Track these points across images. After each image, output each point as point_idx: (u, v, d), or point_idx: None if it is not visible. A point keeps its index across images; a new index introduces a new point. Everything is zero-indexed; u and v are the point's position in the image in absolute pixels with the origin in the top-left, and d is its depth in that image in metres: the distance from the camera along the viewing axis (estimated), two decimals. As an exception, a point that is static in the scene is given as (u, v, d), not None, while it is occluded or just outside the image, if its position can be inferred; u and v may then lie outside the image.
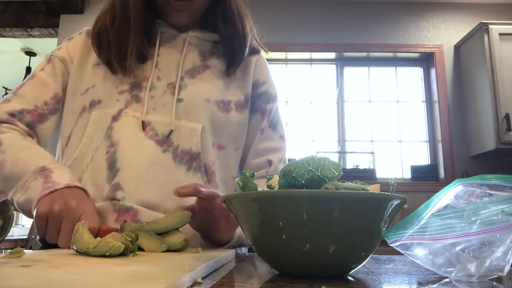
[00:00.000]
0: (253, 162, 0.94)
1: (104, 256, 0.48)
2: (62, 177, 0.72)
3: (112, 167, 0.77)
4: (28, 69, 5.02)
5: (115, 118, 0.81)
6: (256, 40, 0.98)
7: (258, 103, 0.95)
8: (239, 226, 0.55)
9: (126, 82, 0.84)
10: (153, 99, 0.83)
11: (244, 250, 0.92)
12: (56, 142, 0.91)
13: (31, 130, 0.85)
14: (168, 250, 0.58)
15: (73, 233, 0.53)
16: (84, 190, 0.73)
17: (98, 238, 0.50)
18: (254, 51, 0.98)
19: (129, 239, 0.51)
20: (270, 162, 0.93)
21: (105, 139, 0.80)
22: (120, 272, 0.36)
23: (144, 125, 0.80)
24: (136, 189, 0.76)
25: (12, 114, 0.83)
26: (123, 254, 0.49)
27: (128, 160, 0.77)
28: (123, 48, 0.84)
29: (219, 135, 0.88)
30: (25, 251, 0.48)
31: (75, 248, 0.51)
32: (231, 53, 0.91)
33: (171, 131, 0.81)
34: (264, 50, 1.01)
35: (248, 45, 0.94)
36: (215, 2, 0.91)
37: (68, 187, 0.70)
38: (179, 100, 0.83)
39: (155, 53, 0.87)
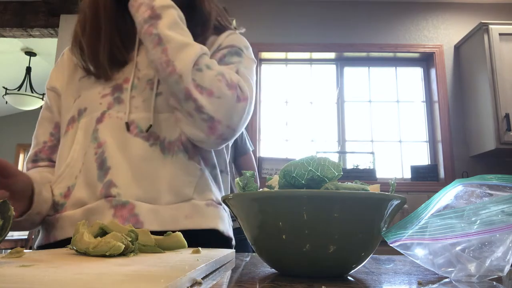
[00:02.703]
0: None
1: (104, 256, 0.48)
2: None
3: (103, 166, 0.78)
4: (28, 69, 5.02)
5: (99, 120, 0.82)
6: (223, 18, 0.96)
7: (225, 58, 0.89)
8: None
9: (108, 86, 0.85)
10: (134, 98, 0.83)
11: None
12: None
13: (50, 162, 0.92)
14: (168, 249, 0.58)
15: (73, 233, 0.53)
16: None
17: (98, 238, 0.50)
18: (221, 29, 0.95)
19: (129, 239, 0.51)
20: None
21: (92, 141, 0.81)
22: (120, 272, 0.36)
23: (128, 126, 0.81)
24: (130, 185, 0.77)
25: (33, 161, 0.92)
26: (123, 254, 0.49)
27: (118, 158, 0.79)
28: (95, 53, 0.85)
29: None
30: (25, 251, 0.48)
31: (75, 248, 0.51)
32: (195, 32, 0.86)
33: (150, 126, 0.81)
34: (235, 28, 0.97)
35: (212, 24, 0.92)
36: None
37: None
38: (158, 94, 0.83)
39: (134, 56, 0.87)
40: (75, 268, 0.38)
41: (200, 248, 0.59)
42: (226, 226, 0.90)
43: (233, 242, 0.93)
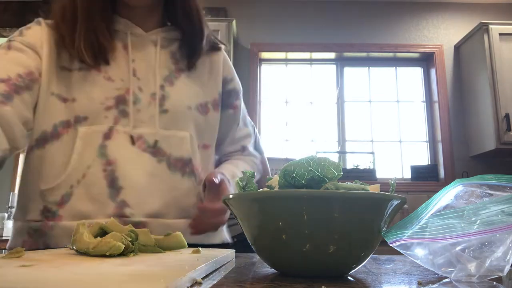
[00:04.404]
0: (228, 149, 1.02)
1: (104, 256, 0.48)
2: None
3: (114, 185, 0.79)
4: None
5: (107, 136, 0.81)
6: (213, 35, 0.99)
7: (229, 99, 1.00)
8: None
9: (110, 96, 0.82)
10: (139, 112, 0.83)
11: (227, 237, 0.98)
12: None
13: (7, 100, 0.73)
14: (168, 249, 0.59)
15: (73, 233, 0.53)
16: None
17: (98, 238, 0.50)
18: (216, 47, 0.99)
19: (129, 239, 0.51)
20: (244, 148, 1.03)
21: (99, 157, 0.79)
22: (120, 272, 0.36)
23: (133, 139, 0.82)
24: (141, 204, 0.80)
25: None
26: (123, 254, 0.49)
27: (130, 178, 0.80)
28: (73, 39, 0.81)
29: (203, 136, 0.93)
30: (25, 251, 0.48)
31: (75, 248, 0.51)
32: (193, 46, 0.91)
33: (156, 141, 0.84)
34: (224, 44, 1.02)
35: (207, 40, 0.94)
36: None
37: None
38: (164, 111, 0.85)
39: (128, 58, 0.86)
40: (75, 268, 0.38)
41: (200, 248, 0.59)
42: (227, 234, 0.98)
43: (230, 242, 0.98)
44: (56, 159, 0.80)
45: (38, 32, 0.84)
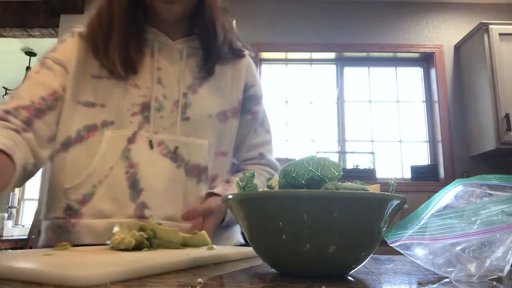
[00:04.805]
0: (246, 155, 1.03)
1: (125, 250, 0.55)
2: None
3: (135, 187, 0.83)
4: (28, 69, 5.02)
5: (131, 140, 0.85)
6: (239, 40, 1.01)
7: (247, 105, 1.01)
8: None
9: (136, 103, 0.86)
10: (162, 118, 0.88)
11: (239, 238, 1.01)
12: None
13: (28, 127, 0.80)
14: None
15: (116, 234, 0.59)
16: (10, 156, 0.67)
17: (122, 235, 0.56)
18: (240, 54, 1.01)
19: (146, 236, 0.58)
20: (261, 155, 1.03)
21: (122, 159, 0.84)
22: (101, 260, 0.44)
23: (151, 144, 0.86)
24: (160, 206, 0.84)
25: (7, 112, 0.79)
26: (139, 249, 0.56)
27: (150, 181, 0.84)
28: (106, 48, 0.85)
29: (221, 144, 0.95)
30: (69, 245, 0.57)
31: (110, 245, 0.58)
32: (207, 52, 0.93)
33: (177, 147, 0.87)
34: (247, 49, 1.03)
35: (229, 47, 0.97)
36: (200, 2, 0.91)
37: None
38: (186, 119, 0.89)
39: (154, 66, 0.89)
40: (82, 257, 0.46)
41: (214, 246, 0.63)
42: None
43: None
44: (79, 160, 0.85)
45: (69, 46, 0.89)
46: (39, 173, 0.91)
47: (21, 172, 0.72)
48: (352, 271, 0.48)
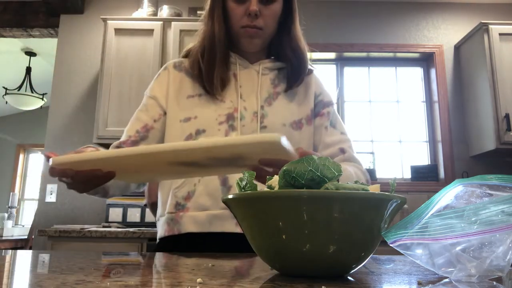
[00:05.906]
0: (325, 153, 1.11)
1: None
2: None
3: (225, 184, 0.98)
4: (28, 69, 5.02)
5: None
6: (309, 62, 1.16)
7: (317, 109, 1.15)
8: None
9: (222, 114, 1.03)
10: (244, 127, 1.03)
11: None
12: None
13: None
14: None
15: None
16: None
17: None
18: (310, 71, 1.17)
19: None
20: (342, 150, 1.13)
21: None
22: None
23: None
24: None
25: (117, 147, 1.04)
26: None
27: (235, 179, 0.92)
28: (211, 75, 1.04)
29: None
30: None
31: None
32: (296, 76, 1.10)
33: None
34: (313, 68, 1.19)
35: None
36: (280, 32, 1.11)
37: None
38: (263, 127, 1.04)
39: (238, 84, 1.07)
40: None
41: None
42: None
43: None
44: None
45: (164, 80, 1.11)
46: (39, 174, 0.94)
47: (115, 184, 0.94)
48: (352, 271, 0.48)
